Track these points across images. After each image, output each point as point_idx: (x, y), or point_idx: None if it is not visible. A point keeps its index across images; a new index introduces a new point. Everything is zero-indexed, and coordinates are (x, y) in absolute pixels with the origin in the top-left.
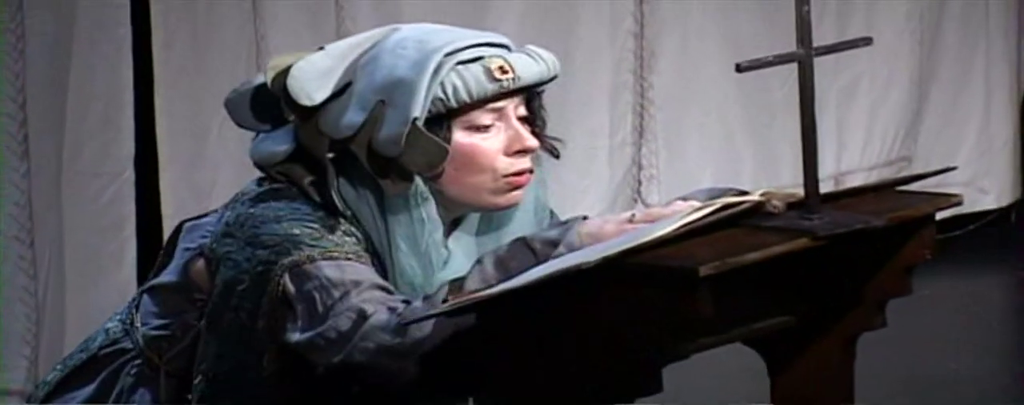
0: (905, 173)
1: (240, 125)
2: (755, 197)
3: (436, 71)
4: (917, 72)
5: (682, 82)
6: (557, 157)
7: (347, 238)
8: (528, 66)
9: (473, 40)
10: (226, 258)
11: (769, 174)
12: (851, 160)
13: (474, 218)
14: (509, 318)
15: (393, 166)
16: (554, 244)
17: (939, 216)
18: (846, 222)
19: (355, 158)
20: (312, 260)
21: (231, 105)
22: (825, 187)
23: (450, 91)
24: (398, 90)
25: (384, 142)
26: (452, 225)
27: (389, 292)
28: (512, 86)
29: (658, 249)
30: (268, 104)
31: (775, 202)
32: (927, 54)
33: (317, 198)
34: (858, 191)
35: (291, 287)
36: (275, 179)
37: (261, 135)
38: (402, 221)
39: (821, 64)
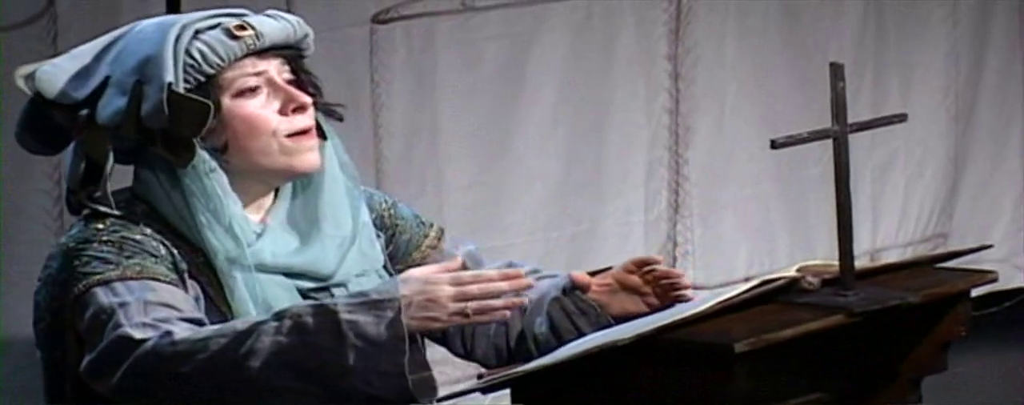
0: (940, 250)
1: (35, 152)
2: (790, 273)
3: (177, 40)
4: (952, 148)
5: (717, 158)
6: (340, 120)
7: (134, 248)
8: (268, 23)
9: (208, 13)
10: (35, 304)
11: (804, 250)
12: (886, 236)
13: (287, 192)
14: (544, 394)
15: (170, 139)
16: (367, 302)
17: (974, 293)
18: (881, 298)
19: (144, 149)
20: (88, 288)
21: (21, 139)
22: (860, 263)
23: (199, 57)
24: (148, 66)
25: (149, 115)
26: (264, 218)
27: (172, 307)
28: (257, 43)
29: (693, 326)
30: (46, 126)
31: (810, 278)
32: (962, 131)
33: (112, 209)
34: (893, 267)
35: (79, 319)
36: (80, 205)
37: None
38: (199, 197)
39: (856, 140)
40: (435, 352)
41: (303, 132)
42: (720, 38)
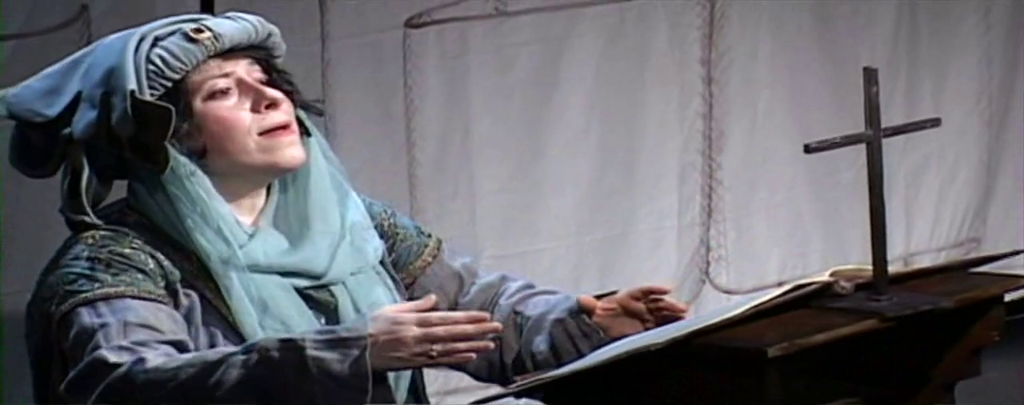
0: (974, 254)
1: (33, 176)
2: (823, 278)
3: (137, 49)
4: (985, 153)
5: (750, 163)
6: (320, 115)
7: (121, 264)
8: (226, 25)
9: (168, 20)
10: (27, 316)
11: (837, 255)
12: (920, 241)
13: (276, 191)
14: (576, 398)
15: (144, 147)
16: (335, 339)
17: (1007, 297)
18: (914, 303)
19: (127, 160)
20: (73, 307)
21: (16, 166)
22: (893, 268)
23: (161, 63)
24: (112, 77)
25: (117, 125)
26: (257, 218)
27: (152, 328)
28: (216, 45)
29: (726, 330)
30: (36, 150)
31: (843, 283)
32: (995, 135)
33: (93, 221)
34: (926, 272)
35: (63, 339)
36: (73, 225)
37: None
38: (184, 201)
39: (889, 145)
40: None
41: (280, 128)
42: (754, 42)
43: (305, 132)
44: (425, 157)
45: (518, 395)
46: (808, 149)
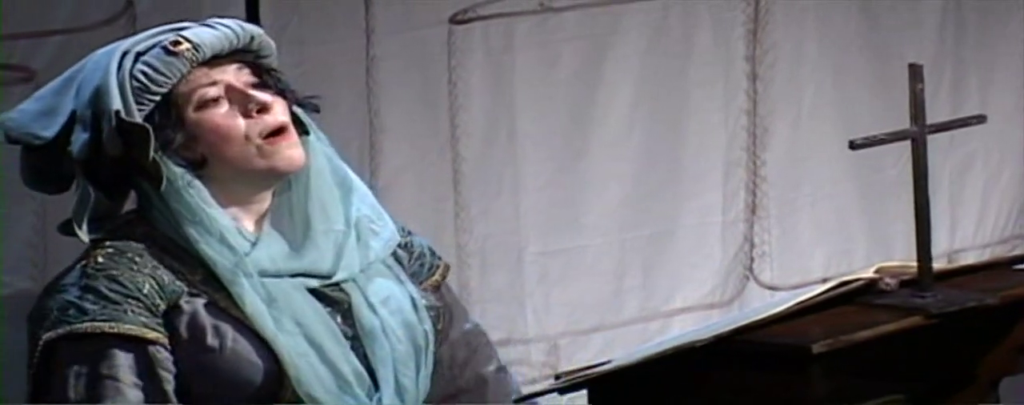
0: (1019, 251)
1: (51, 194)
2: (868, 274)
3: (119, 67)
4: None
5: (795, 159)
6: (317, 111)
7: (114, 293)
8: (205, 34)
9: (150, 34)
10: (28, 332)
11: (882, 251)
12: (964, 238)
13: (278, 194)
14: (621, 395)
15: (138, 164)
16: None
17: None
18: (959, 300)
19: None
20: (55, 339)
21: (33, 187)
22: (938, 265)
23: (145, 79)
24: (99, 98)
25: (107, 145)
26: (260, 220)
27: (118, 381)
28: (197, 55)
29: (770, 327)
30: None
31: (888, 280)
32: None
33: (88, 237)
34: (971, 269)
35: (40, 365)
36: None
37: None
38: (184, 212)
39: (934, 142)
40: (511, 352)
41: (278, 131)
42: (798, 39)
43: (303, 131)
44: (469, 153)
45: (562, 391)
46: (853, 145)
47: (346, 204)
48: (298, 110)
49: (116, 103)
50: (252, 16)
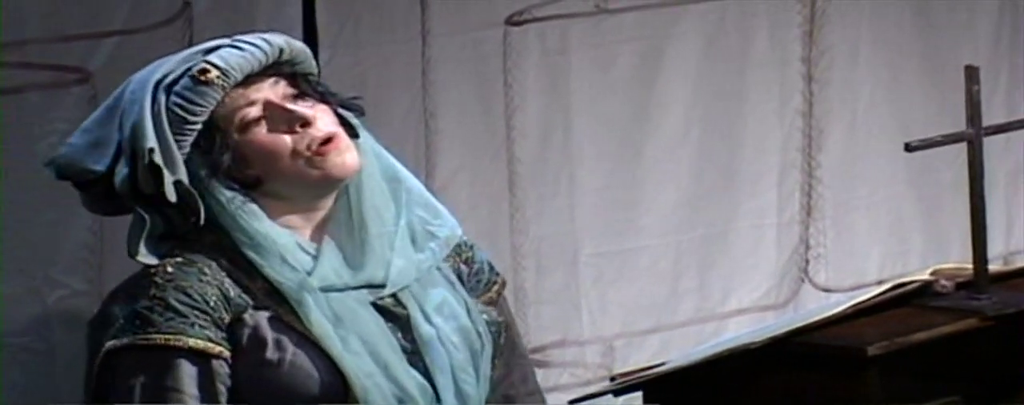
0: None
1: (113, 215)
2: (924, 276)
3: (153, 101)
4: None
5: (850, 161)
6: (361, 113)
7: (179, 304)
8: (233, 57)
9: (179, 59)
10: (87, 338)
11: (937, 254)
12: (1020, 240)
13: (338, 204)
14: (676, 396)
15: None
16: None
17: None
18: (1015, 302)
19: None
20: (117, 349)
21: (93, 210)
22: (994, 267)
23: (181, 112)
24: (136, 134)
25: (142, 182)
26: (322, 225)
27: (180, 392)
28: (225, 81)
29: (825, 329)
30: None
31: (944, 282)
32: None
33: (154, 263)
34: None
35: (101, 375)
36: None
37: None
38: (243, 238)
39: (990, 144)
40: (565, 354)
41: (327, 141)
42: (854, 41)
43: (353, 133)
44: (525, 155)
45: (617, 393)
46: (909, 147)
47: (397, 201)
48: (344, 112)
49: (150, 141)
50: (308, 18)
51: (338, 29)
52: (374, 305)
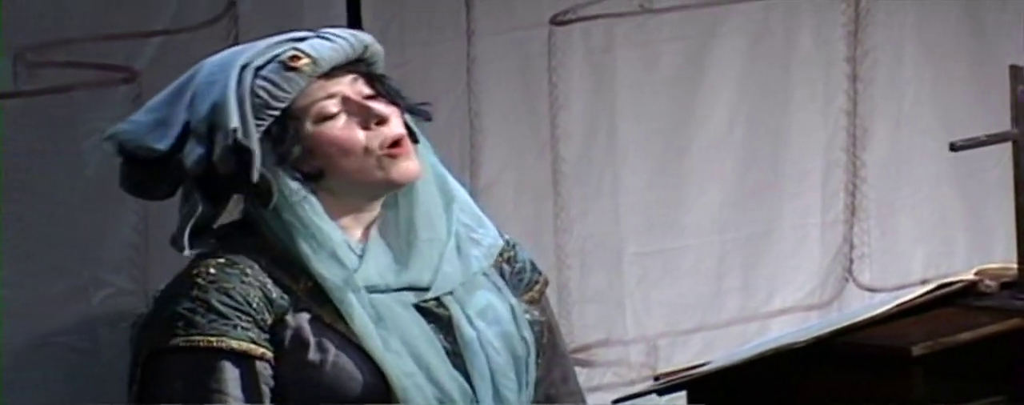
0: None
1: (151, 199)
2: (968, 276)
3: (240, 82)
4: None
5: (895, 160)
6: (428, 119)
7: (222, 305)
8: (323, 47)
9: (265, 45)
10: (130, 339)
11: (982, 253)
12: None
13: (389, 208)
14: (720, 396)
15: (252, 182)
16: None
17: None
18: None
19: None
20: (161, 351)
21: (132, 192)
22: None
23: (265, 95)
24: (217, 113)
25: (220, 163)
26: (368, 228)
27: (224, 393)
28: (314, 70)
29: (869, 329)
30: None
31: (988, 282)
32: None
33: (203, 250)
34: None
35: (145, 377)
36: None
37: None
38: (299, 228)
39: None
40: (609, 353)
41: (396, 143)
42: (899, 40)
43: (413, 139)
44: (570, 154)
45: (661, 392)
46: (954, 147)
47: (448, 212)
48: (407, 117)
49: (234, 120)
50: (353, 17)
51: (383, 28)
52: (417, 307)
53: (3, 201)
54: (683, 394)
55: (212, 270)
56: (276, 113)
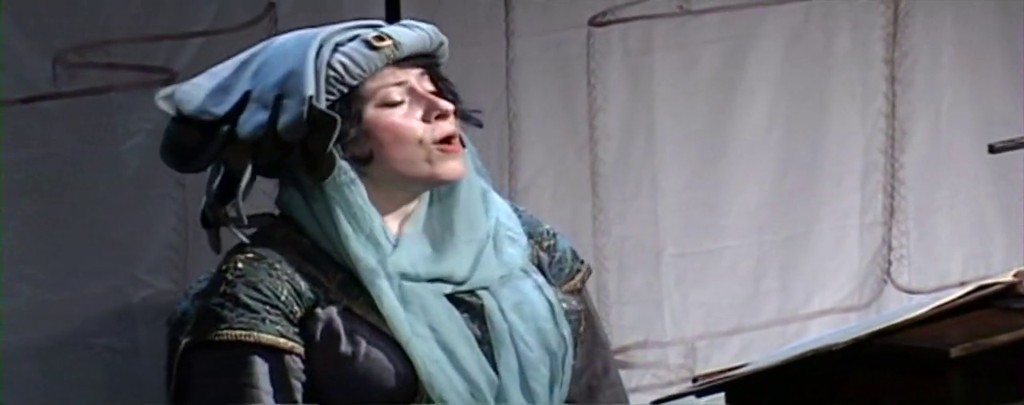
0: None
1: (179, 170)
2: (1007, 278)
3: (318, 54)
4: None
5: (933, 162)
6: (479, 126)
7: (251, 299)
8: (406, 33)
9: (344, 26)
10: (167, 335)
11: (1020, 255)
12: None
13: (426, 199)
14: (758, 397)
15: (308, 152)
16: None
17: None
18: None
19: (286, 164)
20: (192, 346)
21: (165, 158)
22: None
23: (341, 69)
24: (290, 80)
25: (287, 129)
26: (403, 223)
27: (255, 388)
28: (396, 53)
29: (908, 330)
30: (188, 146)
31: None
32: None
33: (243, 223)
34: None
35: (179, 373)
36: (216, 220)
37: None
38: (342, 208)
39: None
40: (648, 354)
41: (448, 140)
42: (937, 42)
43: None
44: (608, 155)
45: (700, 394)
46: (993, 149)
47: (487, 215)
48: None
49: (310, 88)
50: (392, 19)
51: None
52: (449, 297)
53: (43, 202)
54: (722, 396)
55: (240, 265)
56: (344, 90)
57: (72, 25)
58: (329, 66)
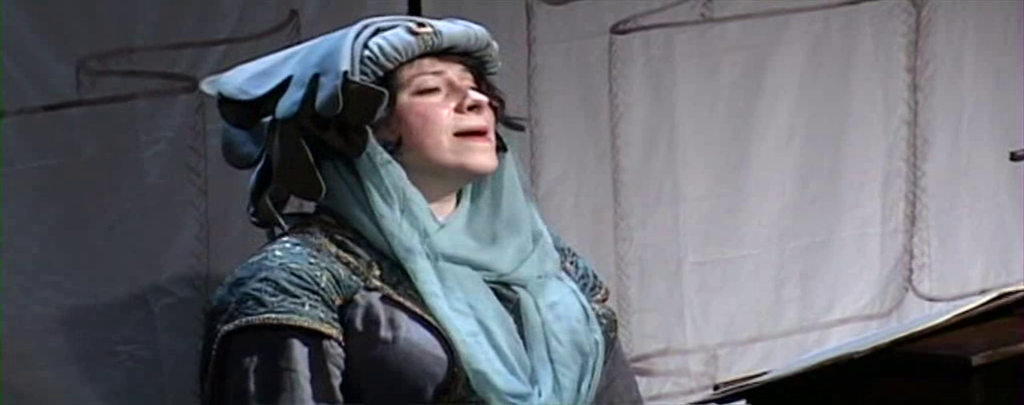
0: None
1: (239, 167)
2: None
3: (358, 36)
4: None
5: (955, 170)
6: (521, 130)
7: (290, 285)
8: (448, 26)
9: (395, 17)
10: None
11: None
12: None
13: (467, 199)
14: None
15: (344, 128)
16: None
17: None
18: None
19: (325, 145)
20: (231, 333)
21: (227, 157)
22: None
23: (377, 51)
24: (328, 59)
25: (323, 103)
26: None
27: (294, 371)
28: (435, 41)
29: (929, 338)
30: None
31: None
32: None
33: (279, 217)
34: None
35: (218, 359)
36: (258, 217)
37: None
38: (378, 186)
39: None
40: (669, 362)
41: (475, 132)
42: (959, 50)
43: (502, 147)
44: (630, 163)
45: (721, 401)
46: (1014, 157)
47: (533, 221)
48: (501, 127)
49: (345, 64)
50: None
51: None
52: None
53: (65, 209)
54: (743, 404)
55: (279, 252)
56: (380, 72)
57: (95, 33)
58: (366, 47)
